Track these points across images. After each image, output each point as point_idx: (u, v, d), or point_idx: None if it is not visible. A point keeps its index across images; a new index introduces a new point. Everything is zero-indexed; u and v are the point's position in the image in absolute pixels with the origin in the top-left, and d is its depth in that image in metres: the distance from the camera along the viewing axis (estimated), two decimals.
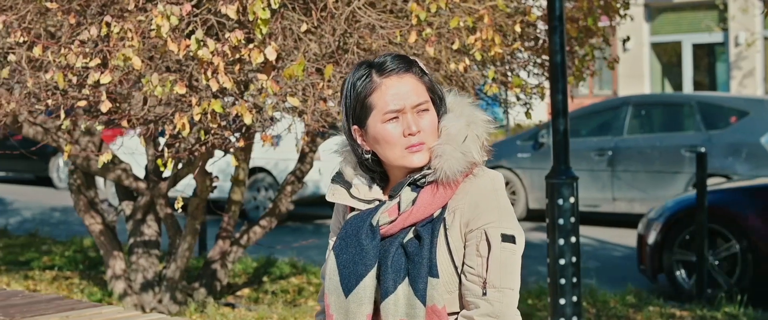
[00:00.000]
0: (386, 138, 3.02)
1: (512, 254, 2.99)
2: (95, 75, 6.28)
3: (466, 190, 3.02)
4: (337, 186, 3.17)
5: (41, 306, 6.24)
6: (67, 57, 6.30)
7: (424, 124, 3.01)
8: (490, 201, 3.00)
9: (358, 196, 3.12)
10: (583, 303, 9.24)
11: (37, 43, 6.45)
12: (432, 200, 3.01)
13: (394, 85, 3.01)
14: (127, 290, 9.26)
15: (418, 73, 3.05)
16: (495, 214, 2.99)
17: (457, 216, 3.00)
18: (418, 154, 3.01)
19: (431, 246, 2.98)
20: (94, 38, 6.41)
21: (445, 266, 2.98)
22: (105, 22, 6.18)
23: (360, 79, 3.05)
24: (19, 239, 13.66)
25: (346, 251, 3.08)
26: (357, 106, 3.05)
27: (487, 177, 3.05)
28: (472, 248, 2.98)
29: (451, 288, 3.00)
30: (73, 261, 11.55)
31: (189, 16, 6.31)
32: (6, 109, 6.73)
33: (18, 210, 17.86)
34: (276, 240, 13.53)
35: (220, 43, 6.25)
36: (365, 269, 3.03)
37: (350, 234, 3.08)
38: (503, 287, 2.96)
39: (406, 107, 3.00)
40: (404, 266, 2.99)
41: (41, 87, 6.70)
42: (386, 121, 3.01)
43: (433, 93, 3.06)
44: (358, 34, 6.92)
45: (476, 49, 6.87)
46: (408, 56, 3.13)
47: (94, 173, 9.19)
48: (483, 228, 2.97)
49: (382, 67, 3.04)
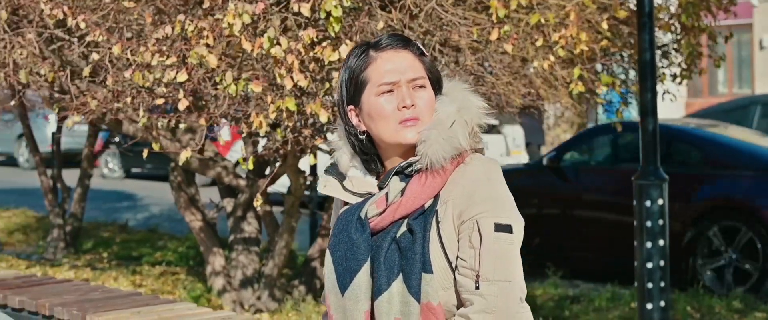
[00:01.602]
0: (380, 111, 2.92)
1: (508, 244, 2.84)
2: (171, 73, 6.31)
3: (458, 180, 2.89)
4: (329, 177, 3.07)
5: (117, 301, 6.29)
6: (143, 55, 6.35)
7: (419, 100, 2.91)
8: (482, 190, 2.87)
9: (351, 189, 3.01)
10: (687, 307, 9.00)
11: (117, 41, 6.51)
12: (421, 190, 2.89)
13: (390, 58, 2.93)
14: (226, 286, 9.32)
15: (415, 51, 2.96)
16: (488, 203, 2.85)
17: (449, 207, 2.87)
18: (411, 129, 2.90)
19: (423, 241, 2.86)
20: (172, 36, 6.44)
21: (439, 261, 2.86)
22: (179, 20, 6.20)
23: (355, 56, 2.97)
24: (137, 234, 13.90)
25: (339, 248, 2.97)
26: (351, 85, 2.97)
27: (480, 164, 2.91)
28: (465, 240, 2.84)
29: (446, 284, 2.87)
30: (184, 258, 11.69)
31: (264, 13, 6.29)
32: (91, 106, 6.81)
33: (146, 206, 18.21)
34: None
35: (294, 42, 6.22)
36: (357, 264, 2.93)
37: (341, 230, 2.98)
38: (497, 279, 2.81)
39: (401, 80, 2.91)
40: (398, 262, 2.88)
41: (126, 85, 6.76)
42: (380, 94, 2.92)
43: (431, 73, 2.96)
44: (439, 32, 6.82)
45: (559, 46, 6.72)
46: (406, 36, 3.06)
47: (195, 170, 9.28)
48: (475, 219, 2.84)
49: (378, 43, 2.97)
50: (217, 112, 6.70)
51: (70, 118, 6.87)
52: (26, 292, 6.53)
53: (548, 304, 9.47)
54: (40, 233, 13.74)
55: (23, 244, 13.33)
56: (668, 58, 8.79)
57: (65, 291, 6.61)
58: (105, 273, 10.87)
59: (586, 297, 9.77)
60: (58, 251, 11.94)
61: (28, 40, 6.91)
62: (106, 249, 12.59)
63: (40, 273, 10.67)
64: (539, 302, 9.55)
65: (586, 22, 7.12)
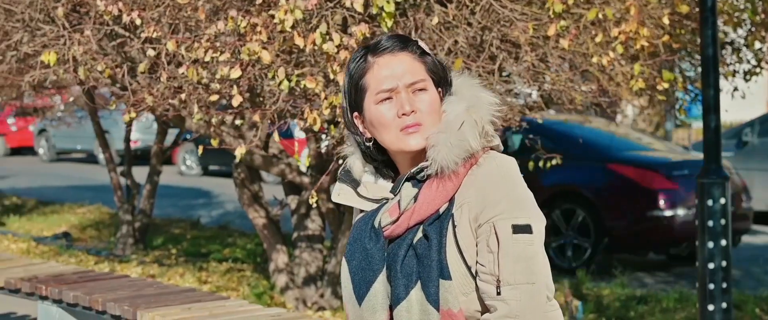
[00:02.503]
0: (380, 119, 2.83)
1: (528, 245, 2.75)
2: (224, 69, 6.30)
3: (472, 182, 2.79)
4: (343, 185, 2.98)
5: (170, 297, 6.31)
6: (197, 51, 6.34)
7: (420, 104, 2.81)
8: (498, 191, 2.77)
9: (365, 195, 2.93)
10: (756, 309, 8.81)
11: (171, 37, 6.51)
12: (435, 195, 2.80)
13: (386, 63, 2.84)
14: (289, 284, 9.31)
15: (414, 52, 2.86)
16: (504, 204, 2.76)
17: (464, 211, 2.78)
18: (414, 136, 2.81)
19: (439, 247, 2.77)
20: (225, 32, 6.42)
21: (457, 266, 2.77)
22: (231, 16, 6.18)
23: (354, 61, 2.89)
24: (208, 231, 13.97)
25: (354, 257, 2.90)
26: (352, 90, 2.89)
27: (494, 164, 2.81)
28: (483, 244, 2.76)
29: (467, 290, 2.78)
30: (251, 255, 11.71)
31: (316, 9, 6.25)
32: (148, 103, 6.82)
33: (221, 203, 18.30)
34: None
35: (347, 37, 6.17)
36: (373, 274, 2.85)
37: (356, 239, 2.90)
38: (519, 283, 2.73)
39: (399, 86, 2.82)
40: (415, 269, 2.79)
41: (182, 82, 6.76)
42: (379, 102, 2.83)
43: (434, 74, 2.86)
44: (497, 27, 6.73)
45: (618, 42, 6.59)
46: (406, 36, 2.95)
47: (258, 167, 9.28)
48: (491, 222, 2.75)
49: (376, 46, 2.87)
50: (272, 108, 6.66)
51: (127, 114, 6.87)
52: (81, 287, 6.57)
53: (614, 304, 9.34)
54: (112, 229, 13.86)
55: (95, 240, 13.46)
56: (738, 54, 8.62)
57: (120, 286, 6.65)
58: (172, 269, 10.93)
59: (653, 297, 9.62)
60: (127, 247, 12.03)
61: (86, 37, 6.93)
62: (176, 245, 12.67)
63: (108, 269, 10.78)
64: (606, 302, 9.42)
65: (649, 17, 6.99)
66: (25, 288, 6.78)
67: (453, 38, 6.68)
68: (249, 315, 5.92)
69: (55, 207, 16.80)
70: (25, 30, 7.50)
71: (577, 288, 9.89)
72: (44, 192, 19.76)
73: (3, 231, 14.01)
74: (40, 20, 7.46)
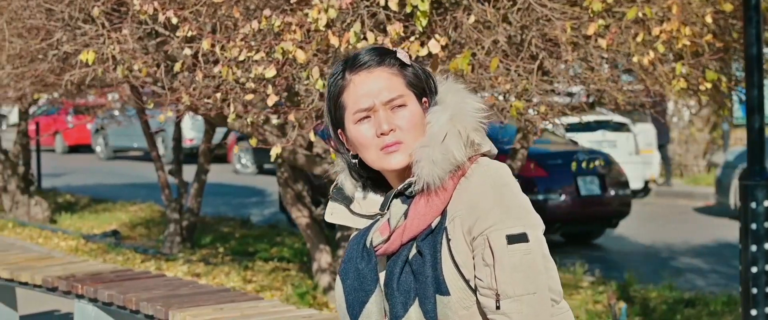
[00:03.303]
0: (359, 139, 2.74)
1: (525, 255, 2.64)
2: (258, 68, 6.27)
3: (462, 193, 2.69)
4: (335, 204, 2.88)
5: (203, 297, 6.28)
6: (231, 50, 6.31)
7: (399, 121, 2.71)
8: (488, 201, 2.66)
9: (359, 212, 2.84)
10: None
11: (207, 36, 6.49)
12: (424, 211, 2.70)
13: (362, 81, 2.74)
14: (331, 284, 9.27)
15: (392, 65, 2.75)
16: (496, 214, 2.65)
17: (457, 224, 2.68)
18: (394, 155, 2.71)
19: (434, 262, 2.68)
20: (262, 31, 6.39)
21: (455, 281, 2.67)
22: (265, 15, 6.15)
23: (332, 77, 2.80)
24: (257, 230, 13.98)
25: (348, 276, 2.82)
26: (333, 108, 2.80)
27: (483, 173, 2.71)
28: (479, 258, 2.65)
29: (467, 304, 2.68)
30: (298, 254, 11.69)
31: (351, 7, 6.20)
32: (185, 102, 6.81)
33: (273, 201, 18.31)
34: None
35: (382, 36, 6.12)
36: (365, 295, 2.77)
37: (350, 258, 2.82)
38: (519, 295, 2.63)
39: (376, 104, 2.71)
40: (413, 286, 2.71)
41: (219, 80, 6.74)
42: (358, 122, 2.74)
43: (415, 87, 2.76)
44: (536, 26, 6.64)
45: (660, 42, 6.48)
46: (385, 48, 2.85)
47: (300, 167, 9.24)
48: (485, 234, 2.64)
49: (353, 62, 2.77)
50: (308, 107, 6.62)
51: (164, 113, 6.87)
52: (117, 286, 6.57)
53: (661, 307, 9.21)
54: (162, 227, 13.91)
55: (144, 238, 13.51)
56: None
57: (156, 286, 6.63)
58: (217, 268, 10.94)
59: (701, 300, 9.48)
60: (174, 246, 12.06)
61: (124, 36, 6.93)
62: (224, 244, 12.68)
63: (154, 267, 10.82)
64: (652, 304, 9.29)
65: (693, 15, 6.86)
66: (62, 286, 6.79)
67: (492, 37, 6.60)
68: (280, 316, 5.88)
69: (108, 205, 16.92)
70: (65, 29, 7.52)
71: (625, 289, 9.77)
72: (99, 190, 19.93)
73: (54, 229, 14.12)
74: (80, 19, 7.48)
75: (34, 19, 7.58)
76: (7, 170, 15.16)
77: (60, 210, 16.18)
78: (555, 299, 2.76)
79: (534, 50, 6.77)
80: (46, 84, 8.84)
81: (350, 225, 2.86)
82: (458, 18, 6.53)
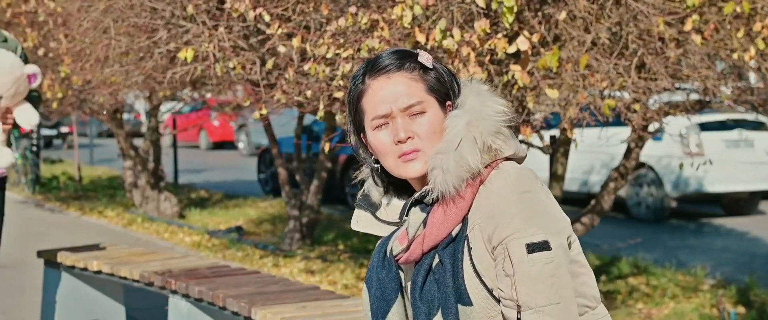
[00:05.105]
0: (377, 146, 2.69)
1: (547, 264, 2.54)
2: (345, 66, 6.24)
3: (481, 201, 2.62)
4: (361, 212, 2.83)
5: (290, 295, 6.28)
6: (320, 48, 6.30)
7: (417, 128, 2.65)
8: (508, 208, 2.57)
9: (385, 218, 2.79)
10: None
11: (296, 34, 6.50)
12: (443, 219, 2.63)
13: (380, 86, 2.68)
14: None
15: (412, 69, 2.69)
16: (517, 222, 2.56)
17: (477, 232, 2.60)
18: (413, 163, 2.65)
19: (454, 271, 2.61)
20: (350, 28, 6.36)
21: (477, 291, 2.60)
22: (351, 13, 6.12)
23: (353, 80, 2.75)
24: None
25: (372, 285, 2.79)
26: (354, 112, 2.75)
27: (502, 179, 2.62)
28: (500, 268, 2.57)
29: (492, 314, 2.61)
30: None
31: (440, 3, 6.12)
32: (279, 99, 6.83)
33: None
34: (654, 238, 13.19)
35: (468, 33, 6.03)
36: (387, 305, 2.75)
37: (373, 266, 2.79)
38: (541, 306, 2.54)
39: (393, 111, 2.65)
40: (437, 296, 2.65)
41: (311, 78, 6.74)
42: (375, 128, 2.68)
43: (436, 92, 2.69)
44: (633, 22, 6.46)
45: (760, 37, 6.24)
46: (407, 50, 2.78)
47: None
48: (504, 243, 2.56)
49: (373, 65, 2.72)
50: None
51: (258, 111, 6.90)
52: (209, 283, 6.61)
53: None
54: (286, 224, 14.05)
55: (268, 234, 13.63)
56: None
57: (247, 283, 6.66)
58: (333, 265, 10.97)
59: None
60: (294, 242, 12.14)
61: (221, 33, 6.98)
62: (345, 241, 12.70)
63: (271, 264, 10.91)
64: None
65: None
66: (158, 281, 6.87)
67: (594, 32, 6.45)
68: (361, 315, 5.84)
69: (239, 201, 17.15)
70: (167, 27, 7.61)
71: (744, 293, 9.48)
72: (235, 186, 20.22)
73: (180, 224, 14.36)
74: (181, 17, 7.56)
75: (139, 18, 7.69)
76: (137, 166, 15.49)
77: (191, 205, 16.46)
78: (589, 305, 2.68)
79: (632, 47, 6.59)
80: (158, 82, 8.97)
81: (375, 233, 2.82)
82: (551, 13, 6.40)
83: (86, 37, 8.41)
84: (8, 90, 6.40)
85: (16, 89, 6.43)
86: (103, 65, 8.69)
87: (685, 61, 6.82)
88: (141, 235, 13.59)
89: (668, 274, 10.27)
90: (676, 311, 8.96)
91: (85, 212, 16.13)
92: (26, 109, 6.54)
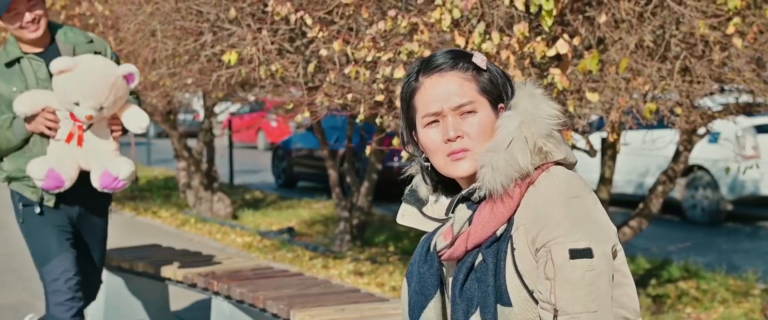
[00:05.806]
0: (427, 144, 2.72)
1: (588, 271, 2.54)
2: (385, 69, 6.24)
3: (529, 202, 2.63)
4: (407, 206, 2.86)
5: (330, 297, 6.31)
6: (360, 51, 6.31)
7: (467, 127, 2.67)
8: (555, 212, 2.58)
9: (431, 215, 2.82)
10: None
11: (337, 37, 6.51)
12: (489, 217, 2.64)
13: (433, 84, 2.71)
14: None
15: (465, 70, 2.71)
16: (563, 226, 2.57)
17: (521, 232, 2.61)
18: (461, 162, 2.67)
19: (496, 271, 2.62)
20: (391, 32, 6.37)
21: (518, 291, 2.61)
22: (390, 16, 6.12)
23: (407, 77, 2.78)
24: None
25: (412, 279, 2.81)
26: (406, 109, 2.78)
27: (551, 182, 2.63)
28: (541, 270, 2.58)
29: (531, 316, 2.61)
30: None
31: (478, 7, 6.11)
32: (321, 102, 6.85)
33: None
34: (707, 242, 13.07)
35: (508, 37, 6.01)
36: (425, 300, 2.76)
37: (415, 261, 2.81)
38: (577, 312, 2.54)
39: (445, 109, 2.68)
40: (477, 295, 2.65)
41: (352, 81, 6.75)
42: (426, 126, 2.71)
43: (489, 93, 2.71)
44: (676, 25, 6.41)
45: None
46: (462, 50, 2.80)
47: None
48: (548, 246, 2.57)
49: (427, 64, 2.75)
50: None
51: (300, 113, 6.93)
52: (251, 284, 6.66)
53: None
54: None
55: (320, 235, 13.66)
56: None
57: (288, 285, 6.70)
58: (382, 267, 10.98)
59: None
60: (344, 244, 12.16)
61: (264, 36, 7.02)
62: (396, 243, 12.71)
63: (321, 265, 10.94)
64: None
65: None
66: (201, 283, 6.92)
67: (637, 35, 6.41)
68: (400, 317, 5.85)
69: (292, 202, 17.20)
70: (212, 30, 7.66)
71: None
72: (290, 187, 20.28)
73: (233, 225, 14.43)
74: (226, 20, 7.61)
75: (185, 21, 7.75)
76: (191, 167, 15.59)
77: (245, 206, 16.54)
78: (628, 317, 2.67)
79: (675, 49, 6.54)
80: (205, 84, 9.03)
81: (420, 228, 2.84)
82: (593, 16, 6.37)
83: (134, 40, 8.49)
84: (107, 98, 5.69)
85: (115, 95, 5.73)
86: (151, 67, 8.77)
87: (729, 64, 6.75)
88: (193, 236, 13.67)
89: (719, 278, 10.17)
90: (724, 316, 8.87)
91: (139, 212, 16.26)
92: (132, 111, 5.95)
